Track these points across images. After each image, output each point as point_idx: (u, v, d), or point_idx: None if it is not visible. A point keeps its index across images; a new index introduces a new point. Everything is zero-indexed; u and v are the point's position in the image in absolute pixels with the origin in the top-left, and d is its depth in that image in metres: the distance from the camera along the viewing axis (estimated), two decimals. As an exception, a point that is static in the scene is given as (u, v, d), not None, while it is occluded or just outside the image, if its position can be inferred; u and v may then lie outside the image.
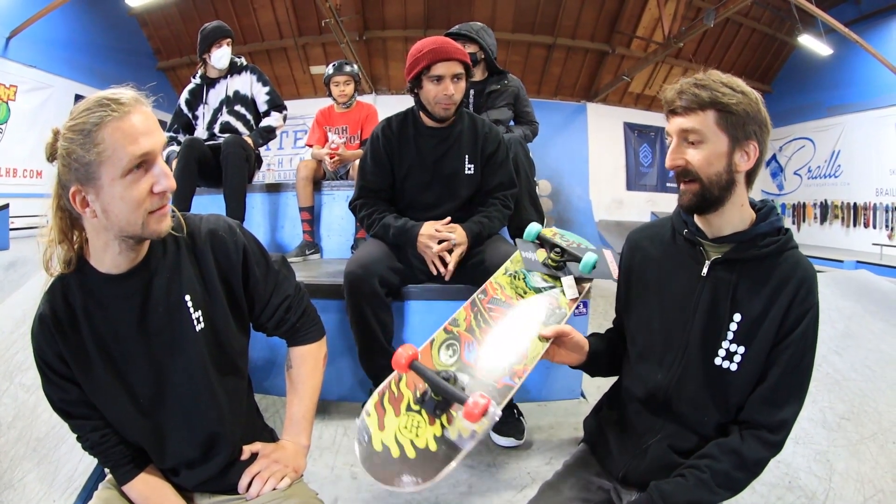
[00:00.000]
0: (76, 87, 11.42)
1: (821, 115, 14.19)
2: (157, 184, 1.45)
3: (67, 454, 2.57)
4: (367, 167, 3.25)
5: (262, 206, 5.14)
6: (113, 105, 1.40)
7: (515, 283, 2.27)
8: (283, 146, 14.57)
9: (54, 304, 1.58)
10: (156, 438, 1.68)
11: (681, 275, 1.78)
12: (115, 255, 1.55)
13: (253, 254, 1.78)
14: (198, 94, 4.94)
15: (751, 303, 1.66)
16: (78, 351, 1.58)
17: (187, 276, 1.67)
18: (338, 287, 3.06)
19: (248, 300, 1.81)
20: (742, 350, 1.67)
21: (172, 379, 1.65)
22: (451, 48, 2.98)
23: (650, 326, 1.83)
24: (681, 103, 1.62)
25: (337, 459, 2.73)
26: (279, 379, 3.10)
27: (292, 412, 1.92)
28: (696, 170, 1.64)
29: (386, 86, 14.46)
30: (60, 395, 1.61)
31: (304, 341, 1.94)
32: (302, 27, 13.55)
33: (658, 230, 1.91)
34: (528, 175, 4.03)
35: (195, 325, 1.66)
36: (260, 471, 1.76)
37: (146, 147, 1.41)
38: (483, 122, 3.29)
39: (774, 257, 1.67)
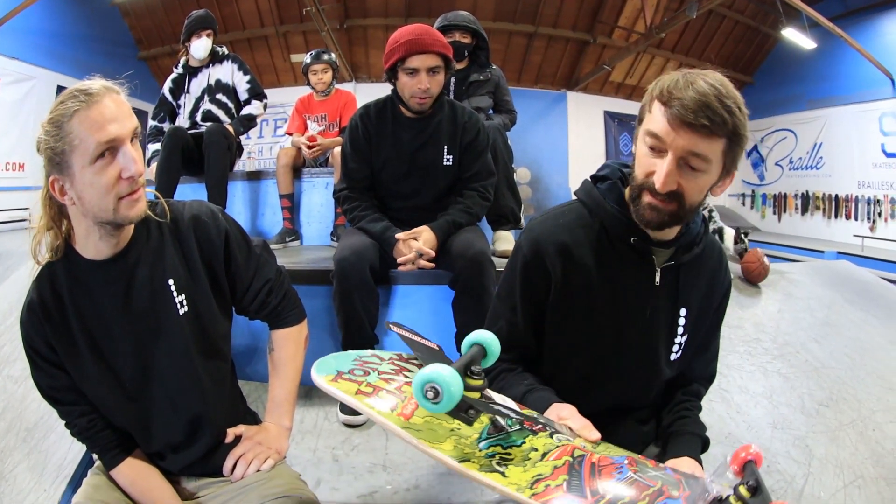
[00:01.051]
0: (58, 79, 11.30)
1: (802, 107, 14.34)
2: (125, 169, 1.47)
3: (56, 443, 2.58)
4: (349, 155, 3.22)
5: (242, 193, 5.15)
6: (81, 96, 1.45)
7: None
8: (264, 134, 14.56)
9: (42, 291, 1.61)
10: (141, 422, 1.70)
11: (629, 285, 1.66)
12: (97, 240, 1.57)
13: (235, 238, 1.80)
14: (180, 83, 4.93)
15: (692, 297, 1.71)
16: (65, 337, 1.61)
17: (171, 260, 1.69)
18: (318, 273, 3.07)
19: (231, 284, 1.83)
20: (685, 339, 1.74)
21: (157, 363, 1.67)
22: (429, 40, 2.91)
23: (597, 344, 1.69)
24: (705, 122, 1.35)
25: (319, 442, 2.74)
26: (260, 365, 3.13)
27: (274, 394, 1.95)
28: (685, 195, 1.45)
29: (366, 73, 14.47)
30: (49, 382, 1.64)
31: (285, 324, 1.96)
32: (283, 15, 13.50)
33: (579, 233, 1.67)
34: (507, 162, 4.02)
35: (178, 308, 1.69)
36: (244, 453, 1.79)
37: (112, 133, 1.44)
38: (463, 110, 3.24)
39: (702, 250, 1.70)
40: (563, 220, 1.70)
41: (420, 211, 3.17)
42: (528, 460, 1.24)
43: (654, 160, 1.44)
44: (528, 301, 1.71)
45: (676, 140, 1.38)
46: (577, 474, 1.20)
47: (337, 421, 2.90)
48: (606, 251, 1.65)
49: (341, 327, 2.94)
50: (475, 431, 1.29)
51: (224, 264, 1.79)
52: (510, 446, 1.27)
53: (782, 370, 3.40)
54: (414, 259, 2.96)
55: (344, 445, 2.73)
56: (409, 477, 2.51)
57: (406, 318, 3.24)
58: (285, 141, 13.42)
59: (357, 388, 1.32)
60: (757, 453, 1.21)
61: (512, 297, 1.73)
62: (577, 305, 1.66)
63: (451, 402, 1.16)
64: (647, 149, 1.46)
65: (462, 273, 2.83)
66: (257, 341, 3.17)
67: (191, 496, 1.80)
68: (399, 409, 1.28)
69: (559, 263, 1.64)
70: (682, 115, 1.35)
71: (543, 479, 1.17)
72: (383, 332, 3.17)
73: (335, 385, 1.32)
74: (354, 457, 2.66)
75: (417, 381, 1.17)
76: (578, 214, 1.70)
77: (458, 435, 1.27)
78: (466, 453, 1.21)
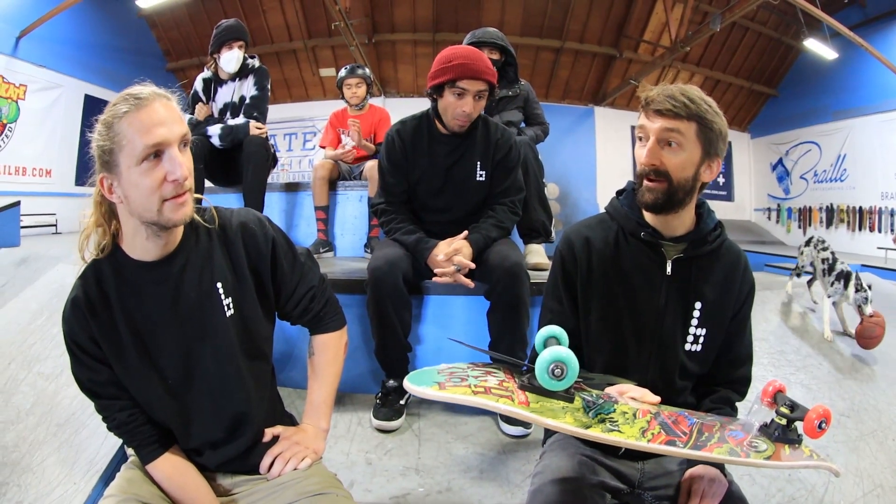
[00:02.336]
0: (85, 87, 11.54)
1: (826, 119, 14.16)
2: (171, 172, 1.51)
3: (88, 438, 2.60)
4: (385, 168, 3.26)
5: (278, 204, 5.21)
6: (132, 99, 1.50)
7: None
8: (293, 147, 14.61)
9: (87, 289, 1.63)
10: (182, 418, 1.73)
11: (642, 275, 1.87)
12: (144, 240, 1.61)
13: (281, 246, 1.84)
14: (207, 89, 4.79)
15: (707, 290, 1.86)
16: (110, 333, 1.64)
17: (219, 264, 1.73)
18: (351, 283, 3.14)
19: (276, 289, 1.87)
20: (703, 332, 1.87)
21: (202, 362, 1.71)
22: (482, 67, 2.96)
23: (619, 329, 1.89)
24: (668, 106, 1.68)
25: (352, 447, 2.77)
26: (294, 371, 3.21)
27: (313, 397, 1.99)
28: (670, 171, 1.72)
29: (395, 88, 14.48)
30: (90, 376, 1.66)
31: (326, 329, 2.00)
32: (311, 29, 13.57)
33: (600, 231, 1.95)
34: (538, 176, 4.05)
35: (226, 311, 1.73)
36: (282, 451, 1.82)
37: (159, 137, 1.48)
38: (496, 127, 3.29)
39: (718, 248, 1.87)
40: (589, 222, 2.00)
41: (452, 225, 3.21)
42: (627, 420, 1.44)
43: (643, 149, 1.75)
44: (568, 289, 1.96)
45: (652, 124, 1.72)
46: (664, 424, 1.45)
47: (370, 426, 2.94)
48: (622, 245, 1.90)
49: (375, 334, 2.98)
50: (578, 406, 1.46)
51: (270, 270, 1.83)
52: (609, 412, 1.45)
53: (805, 381, 3.42)
54: (452, 273, 2.99)
55: (377, 449, 2.76)
56: (440, 480, 2.54)
57: (440, 327, 3.32)
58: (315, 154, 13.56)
59: (470, 390, 1.42)
60: (781, 385, 1.52)
61: (556, 290, 1.99)
62: (600, 291, 1.90)
63: (573, 377, 1.42)
64: (638, 144, 1.79)
65: (499, 283, 2.87)
66: (292, 348, 3.23)
67: (226, 493, 1.82)
68: (516, 399, 1.40)
69: (584, 254, 1.92)
70: (654, 107, 1.71)
71: (647, 430, 1.41)
72: (416, 340, 3.23)
73: (447, 392, 1.40)
74: (387, 460, 2.68)
75: (543, 363, 1.41)
76: (601, 219, 1.99)
77: (570, 409, 1.43)
78: (585, 422, 1.39)
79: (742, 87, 15.58)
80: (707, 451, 1.36)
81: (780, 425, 1.46)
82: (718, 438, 1.42)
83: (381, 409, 2.95)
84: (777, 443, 1.44)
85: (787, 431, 1.45)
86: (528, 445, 2.81)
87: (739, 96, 15.75)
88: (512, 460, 2.70)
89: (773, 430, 1.46)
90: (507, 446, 2.81)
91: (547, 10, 13.18)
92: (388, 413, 2.93)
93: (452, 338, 1.87)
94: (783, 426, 1.45)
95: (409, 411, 3.07)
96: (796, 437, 1.45)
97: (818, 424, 1.41)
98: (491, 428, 2.96)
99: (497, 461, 2.70)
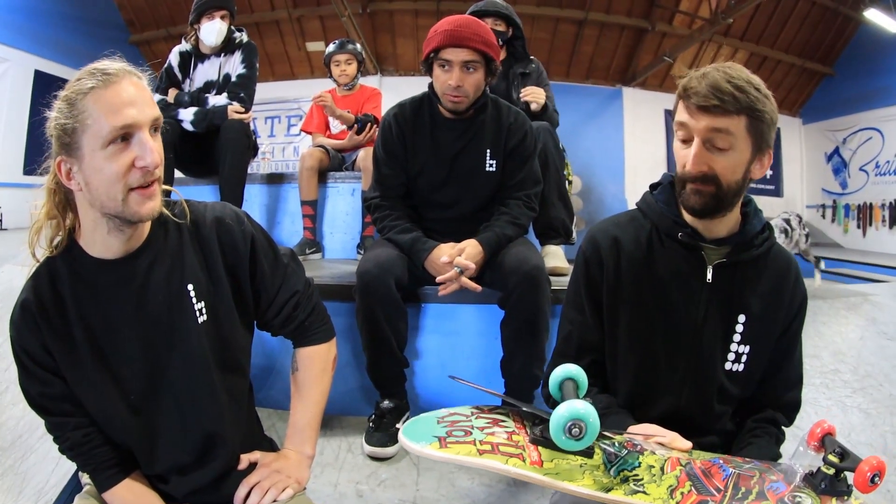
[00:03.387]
0: (36, 62, 11.48)
1: (890, 101, 13.91)
2: (140, 158, 1.49)
3: (37, 465, 2.58)
4: (381, 158, 3.26)
5: (258, 198, 5.20)
6: (99, 74, 1.49)
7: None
8: (275, 133, 14.55)
9: (39, 291, 1.62)
10: (147, 439, 1.72)
11: (679, 282, 1.86)
12: (105, 235, 1.60)
13: (261, 245, 1.84)
14: (185, 64, 4.74)
15: (752, 301, 1.84)
16: (64, 341, 1.62)
17: (190, 264, 1.73)
18: (342, 289, 3.12)
19: (255, 294, 1.86)
20: (747, 349, 1.86)
21: (168, 373, 1.70)
22: (467, 33, 2.94)
23: (650, 344, 1.88)
24: (715, 102, 1.63)
25: (341, 476, 2.76)
26: (274, 390, 3.21)
27: (296, 419, 1.97)
28: (719, 175, 1.70)
29: (393, 66, 14.36)
30: (41, 390, 1.64)
31: (312, 342, 1.99)
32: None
33: (630, 230, 1.94)
34: (558, 168, 4.03)
35: (197, 316, 1.72)
36: (259, 481, 1.79)
37: (129, 118, 1.48)
38: (509, 110, 3.27)
39: (766, 254, 1.86)
40: (618, 220, 1.99)
41: (460, 222, 3.22)
42: (654, 476, 1.44)
43: (687, 151, 1.72)
44: (591, 297, 1.96)
45: (697, 124, 1.67)
46: (696, 478, 1.45)
47: (362, 453, 2.92)
48: (656, 247, 1.89)
49: (366, 348, 2.97)
50: (597, 462, 1.45)
51: (249, 272, 1.82)
52: (633, 468, 1.45)
53: (863, 405, 3.40)
54: (455, 277, 2.95)
55: (370, 480, 2.75)
56: None
57: (446, 341, 3.31)
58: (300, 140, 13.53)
59: (475, 448, 1.41)
60: (831, 426, 1.49)
61: (578, 297, 1.99)
62: (629, 300, 1.90)
63: (593, 436, 1.37)
64: (679, 142, 1.76)
65: (515, 290, 2.83)
66: (272, 363, 3.22)
67: None
68: (527, 458, 1.40)
69: (611, 256, 1.91)
70: (697, 102, 1.66)
71: (676, 488, 1.41)
72: (413, 354, 3.22)
73: (448, 451, 1.39)
74: (381, 492, 2.67)
75: (559, 421, 1.36)
76: (633, 216, 1.98)
77: (589, 468, 1.42)
78: (605, 483, 1.40)
79: (793, 66, 15.40)
80: None
81: (827, 475, 1.44)
82: (757, 494, 1.41)
83: (375, 433, 2.94)
84: (823, 495, 1.42)
85: (835, 483, 1.43)
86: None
87: (790, 76, 15.58)
88: (523, 493, 2.69)
89: (819, 481, 1.44)
90: (516, 479, 2.74)
91: (568, -25, 13.09)
92: (383, 438, 2.92)
93: (453, 376, 1.86)
94: (831, 476, 1.43)
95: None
96: (846, 489, 1.43)
97: (871, 478, 1.38)
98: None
99: (505, 494, 2.69)
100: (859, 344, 4.01)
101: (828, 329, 4.11)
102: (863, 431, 3.22)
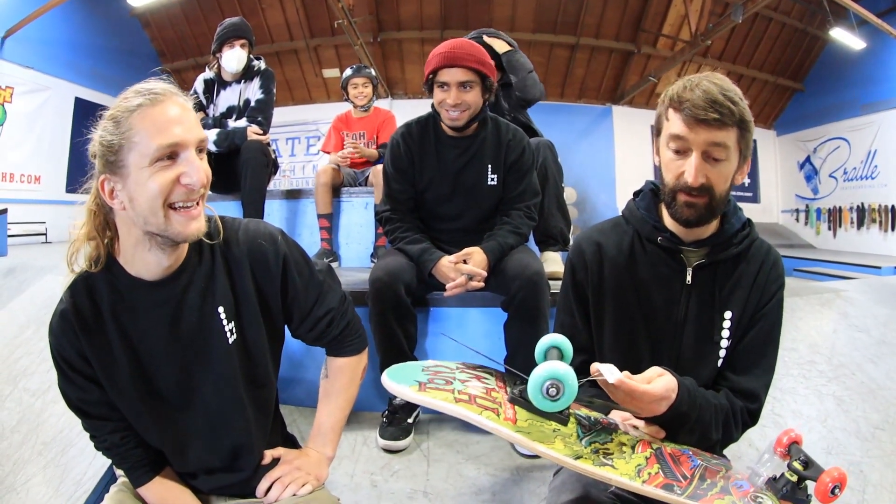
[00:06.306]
0: (76, 90, 11.53)
1: (855, 112, 14.00)
2: (185, 175, 1.44)
3: (76, 458, 2.58)
4: (390, 174, 3.25)
5: (279, 212, 5.21)
6: (147, 93, 1.43)
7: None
8: (296, 153, 14.63)
9: (78, 301, 1.57)
10: (178, 445, 1.70)
11: (660, 284, 1.81)
12: (145, 252, 1.53)
13: (295, 264, 1.76)
14: (209, 91, 4.80)
15: (737, 299, 1.77)
16: (102, 350, 1.58)
17: (221, 286, 1.66)
18: (356, 295, 3.06)
19: (286, 312, 1.80)
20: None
21: (201, 389, 1.67)
22: (461, 54, 2.96)
23: (634, 345, 1.83)
24: (716, 115, 1.55)
25: (357, 468, 2.75)
26: (298, 390, 3.18)
27: (321, 421, 1.93)
28: (714, 186, 1.63)
29: (403, 90, 14.45)
30: (79, 395, 1.61)
31: (344, 353, 1.94)
32: (313, 28, 13.57)
33: (613, 236, 1.89)
34: (557, 180, 3.99)
35: (228, 337, 1.67)
36: (281, 476, 1.77)
37: (176, 137, 1.42)
38: (507, 127, 3.26)
39: (746, 251, 1.80)
40: (602, 227, 1.95)
41: (464, 233, 3.22)
42: (624, 453, 1.40)
43: (681, 161, 1.65)
44: (579, 301, 1.92)
45: (696, 137, 1.59)
46: (664, 463, 1.41)
47: (376, 446, 2.91)
48: (638, 252, 1.84)
49: (379, 350, 2.94)
50: (571, 431, 1.40)
51: (280, 292, 1.75)
52: (605, 442, 1.41)
53: (837, 393, 3.37)
54: (464, 283, 2.98)
55: (383, 471, 2.73)
56: (450, 503, 2.51)
57: (452, 342, 3.26)
58: (319, 159, 13.57)
59: (452, 396, 1.36)
60: (798, 435, 1.44)
61: (568, 302, 1.95)
62: (612, 303, 1.85)
63: (570, 398, 1.32)
64: (672, 153, 1.67)
65: (518, 294, 2.84)
66: (295, 367, 3.19)
67: None
68: (502, 414, 1.34)
69: (595, 261, 1.87)
70: (695, 114, 1.57)
71: (644, 468, 1.36)
72: (422, 354, 3.20)
73: (426, 395, 1.35)
74: (394, 482, 2.65)
75: (537, 379, 1.31)
76: (616, 223, 1.93)
77: (562, 434, 1.37)
78: (576, 451, 1.34)
79: (767, 82, 15.48)
80: (706, 503, 1.31)
81: (789, 481, 1.40)
82: (721, 489, 1.38)
83: (388, 427, 2.92)
84: (783, 500, 1.40)
85: (796, 490, 1.40)
86: (543, 467, 2.74)
87: (764, 91, 15.63)
88: (527, 482, 2.66)
89: (781, 486, 1.41)
90: (522, 468, 2.76)
91: (560, 4, 13.11)
92: (396, 432, 2.90)
93: (445, 333, 1.82)
94: (793, 483, 1.40)
95: (418, 430, 3.04)
96: (805, 498, 1.40)
97: (832, 489, 1.34)
98: (505, 447, 2.92)
99: (511, 483, 2.67)
100: (833, 336, 3.98)
101: (804, 323, 4.08)
102: (837, 417, 3.19)
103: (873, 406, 3.30)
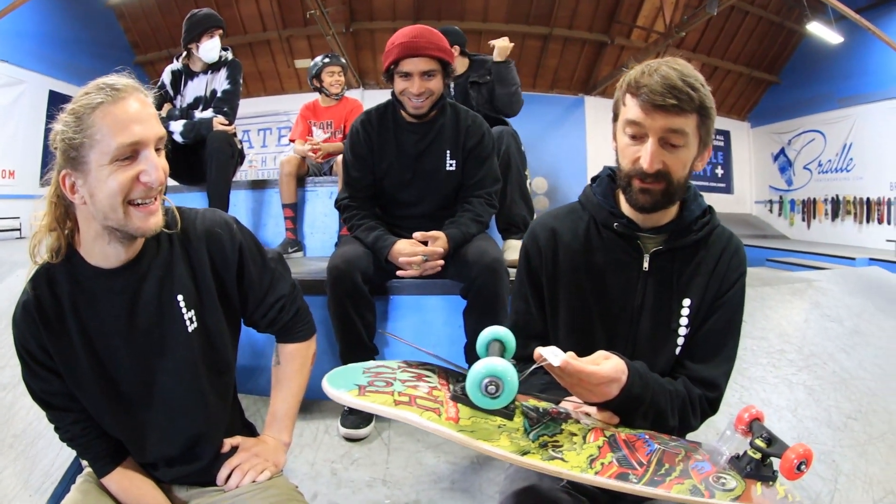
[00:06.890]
0: (50, 83, 11.39)
1: (831, 106, 14.14)
2: (145, 172, 1.46)
3: (45, 449, 2.60)
4: (350, 161, 3.26)
5: (245, 203, 5.17)
6: (108, 89, 1.44)
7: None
8: (267, 143, 14.62)
9: (39, 291, 1.58)
10: (137, 435, 1.70)
11: (616, 270, 1.76)
12: (105, 245, 1.56)
13: (250, 251, 1.80)
14: (176, 82, 4.76)
15: (696, 285, 1.72)
16: (62, 342, 1.59)
17: (179, 274, 1.69)
18: (319, 283, 3.08)
19: (242, 297, 1.83)
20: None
21: (160, 378, 1.67)
22: (423, 43, 2.96)
23: (589, 333, 1.78)
24: (674, 101, 1.51)
25: (317, 456, 2.77)
26: (261, 379, 3.13)
27: (275, 409, 1.96)
28: (671, 172, 1.60)
29: (374, 80, 14.42)
30: (41, 386, 1.62)
31: (294, 339, 1.97)
32: (286, 19, 13.54)
33: (568, 221, 1.85)
34: (520, 169, 4.02)
35: (187, 325, 1.69)
36: (240, 463, 1.79)
37: (136, 135, 1.43)
38: (466, 113, 3.28)
39: (706, 237, 1.74)
40: (558, 212, 1.90)
41: (424, 219, 3.18)
42: (574, 444, 1.35)
43: (637, 147, 1.60)
44: (534, 288, 1.87)
45: (653, 123, 1.55)
46: (618, 450, 1.36)
47: (337, 434, 2.93)
48: (594, 238, 1.79)
49: (338, 338, 2.97)
50: (517, 425, 1.35)
51: (236, 279, 1.79)
52: (554, 434, 1.36)
53: (808, 382, 3.36)
54: (419, 262, 2.98)
55: (343, 459, 2.75)
56: (409, 492, 2.53)
57: (412, 329, 3.30)
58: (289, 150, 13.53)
59: (392, 398, 1.32)
60: (759, 412, 1.40)
61: (522, 288, 1.89)
62: (567, 290, 1.80)
63: (511, 395, 1.26)
64: (628, 139, 1.62)
65: (477, 280, 2.85)
66: (258, 356, 3.17)
67: None
68: (444, 413, 1.29)
69: (549, 247, 1.82)
70: (652, 100, 1.53)
71: (596, 458, 1.31)
72: (383, 342, 3.19)
73: (365, 399, 1.31)
74: (354, 471, 2.67)
75: (475, 377, 1.25)
76: (572, 209, 1.88)
77: (507, 430, 1.32)
78: (523, 446, 1.28)
79: (741, 75, 15.60)
80: (665, 489, 1.25)
81: (753, 459, 1.35)
82: (680, 472, 1.31)
83: (349, 416, 2.93)
84: (748, 479, 1.34)
85: (761, 467, 1.34)
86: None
87: (739, 84, 15.78)
88: (485, 470, 2.68)
89: (744, 464, 1.35)
90: (481, 456, 2.75)
91: (534, -5, 13.14)
92: (356, 421, 2.91)
93: (384, 331, 1.79)
94: (757, 461, 1.35)
95: (379, 419, 3.02)
96: (771, 475, 1.34)
97: (797, 465, 1.28)
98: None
99: (469, 471, 2.68)
100: (804, 326, 3.99)
101: (774, 313, 4.08)
102: (808, 406, 3.19)
103: (845, 395, 3.29)
